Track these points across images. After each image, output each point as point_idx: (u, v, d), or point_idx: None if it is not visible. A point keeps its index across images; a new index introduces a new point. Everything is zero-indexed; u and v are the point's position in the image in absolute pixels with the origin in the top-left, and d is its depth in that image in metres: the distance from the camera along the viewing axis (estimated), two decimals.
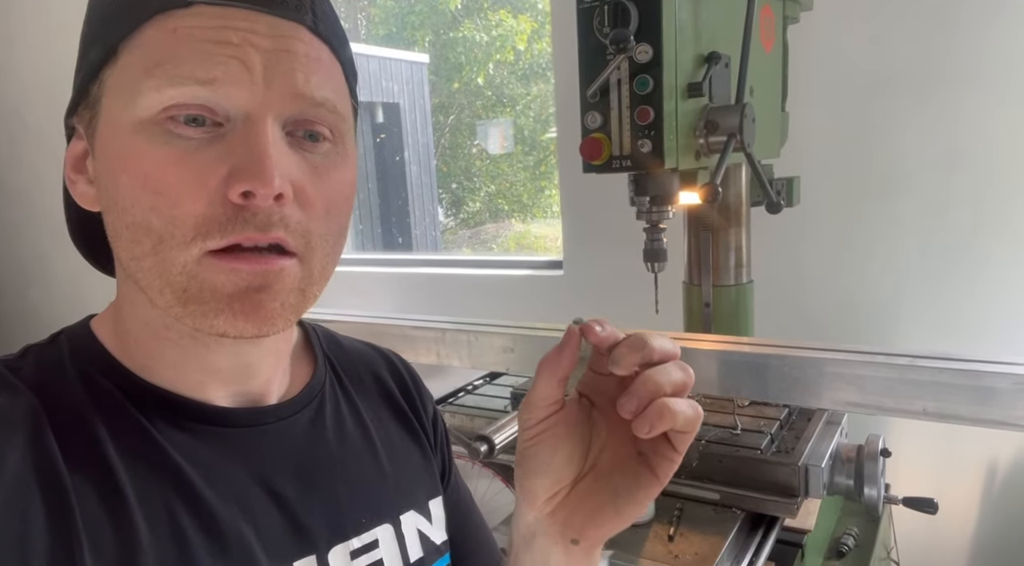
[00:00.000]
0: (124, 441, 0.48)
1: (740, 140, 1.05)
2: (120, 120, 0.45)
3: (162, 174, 0.44)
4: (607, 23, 0.97)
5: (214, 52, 0.44)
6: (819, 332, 1.72)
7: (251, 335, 0.47)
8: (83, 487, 0.45)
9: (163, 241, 0.45)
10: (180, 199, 0.44)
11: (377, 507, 0.60)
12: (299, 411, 0.58)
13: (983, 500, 1.68)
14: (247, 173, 0.44)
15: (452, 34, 5.32)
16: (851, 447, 1.08)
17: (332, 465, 0.58)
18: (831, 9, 1.54)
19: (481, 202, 6.02)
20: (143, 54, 0.45)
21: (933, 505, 1.09)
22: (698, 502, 1.05)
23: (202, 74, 0.44)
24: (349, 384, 0.65)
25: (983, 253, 1.61)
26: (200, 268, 0.45)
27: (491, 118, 5.81)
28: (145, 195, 0.45)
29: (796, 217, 1.53)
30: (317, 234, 0.48)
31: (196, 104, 0.44)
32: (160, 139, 0.44)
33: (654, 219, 1.10)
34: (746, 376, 1.08)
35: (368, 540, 0.58)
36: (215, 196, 0.44)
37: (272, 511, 0.53)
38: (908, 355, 1.00)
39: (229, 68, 0.44)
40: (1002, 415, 0.91)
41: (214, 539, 0.49)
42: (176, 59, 0.44)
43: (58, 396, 0.48)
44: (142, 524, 0.46)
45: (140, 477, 0.47)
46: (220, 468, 0.51)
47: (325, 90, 0.48)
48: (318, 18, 0.48)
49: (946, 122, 1.61)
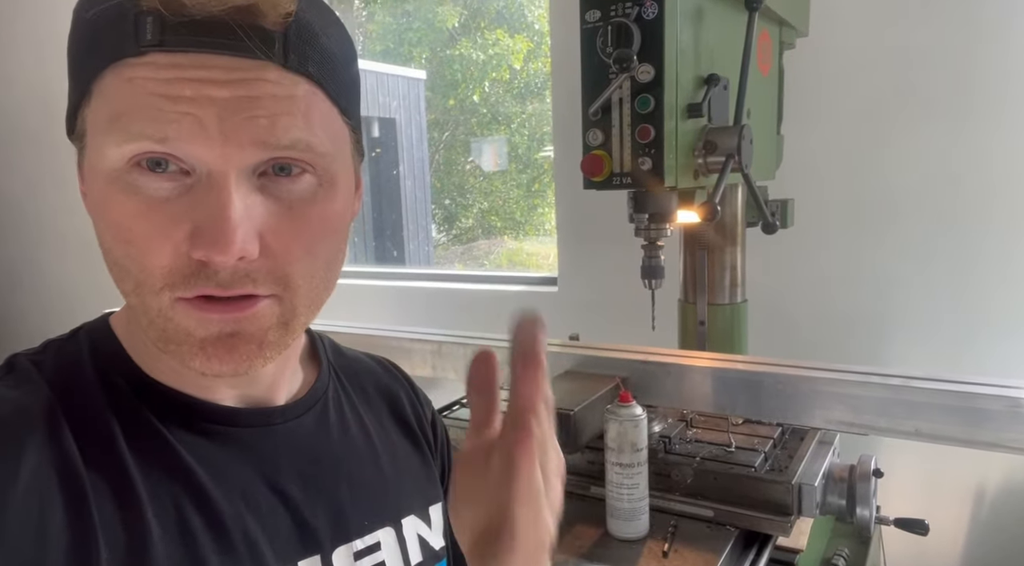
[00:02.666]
0: (137, 439, 0.49)
1: (738, 161, 1.07)
2: (96, 167, 0.45)
3: (131, 225, 0.44)
4: (610, 43, 0.99)
5: (166, 109, 0.42)
6: (813, 352, 1.73)
7: (229, 375, 0.47)
8: (98, 483, 0.45)
9: (140, 285, 0.45)
10: (148, 250, 0.44)
11: (379, 510, 0.60)
12: (305, 412, 0.59)
13: (972, 523, 1.69)
14: (207, 238, 0.43)
15: (449, 51, 5.37)
16: (843, 467, 1.09)
17: (336, 467, 0.59)
18: (826, 36, 1.57)
19: (474, 219, 6.03)
20: (105, 102, 0.44)
21: (924, 526, 1.09)
22: (692, 519, 1.05)
23: (154, 132, 0.42)
24: (352, 390, 0.66)
25: (977, 275, 1.64)
26: (174, 313, 0.45)
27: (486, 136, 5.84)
28: (119, 243, 0.45)
29: (791, 238, 1.55)
30: (298, 274, 0.47)
31: (154, 152, 0.43)
32: (129, 189, 0.44)
33: (652, 236, 1.11)
34: (740, 394, 1.09)
35: (371, 542, 0.58)
36: (179, 250, 0.44)
37: (278, 510, 0.53)
38: (902, 376, 1.01)
39: (182, 126, 0.42)
40: (994, 437, 0.92)
41: (221, 537, 0.49)
42: (130, 113, 0.42)
43: (76, 392, 0.49)
44: (153, 521, 0.46)
45: (151, 475, 0.48)
46: (228, 467, 0.52)
47: (295, 131, 0.44)
48: (291, 50, 0.44)
49: (938, 145, 1.64)
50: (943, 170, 1.64)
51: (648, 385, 1.16)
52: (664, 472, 1.09)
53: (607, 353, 1.22)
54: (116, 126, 0.43)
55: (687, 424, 1.25)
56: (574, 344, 1.30)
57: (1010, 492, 1.65)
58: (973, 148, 1.61)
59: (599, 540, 1.02)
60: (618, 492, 1.00)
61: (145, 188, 0.43)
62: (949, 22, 1.60)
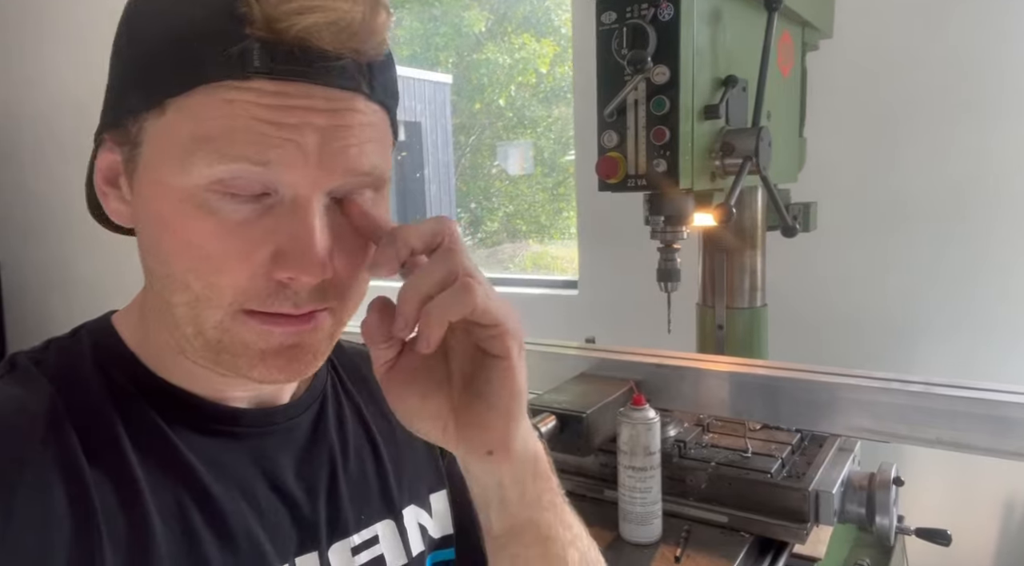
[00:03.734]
0: (140, 437, 0.49)
1: (756, 163, 1.06)
2: (167, 182, 0.45)
3: (206, 244, 0.44)
4: (625, 44, 0.99)
5: (270, 134, 0.42)
6: (835, 357, 1.69)
7: (284, 382, 0.50)
8: (101, 481, 0.46)
9: (199, 300, 0.45)
10: (222, 269, 0.44)
11: (378, 503, 0.61)
12: (304, 411, 0.59)
13: (1001, 535, 1.64)
14: (293, 260, 0.44)
15: (476, 56, 5.39)
16: (863, 475, 1.07)
17: (334, 463, 0.59)
18: (851, 37, 1.55)
19: (499, 222, 6.04)
20: (193, 120, 0.43)
21: (946, 537, 1.07)
22: (706, 524, 1.04)
23: (256, 156, 0.43)
24: (351, 384, 0.66)
25: (1001, 281, 1.60)
26: (234, 324, 0.46)
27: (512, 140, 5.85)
28: (187, 259, 0.45)
29: (814, 241, 1.53)
30: (355, 288, 0.49)
31: (247, 179, 0.43)
32: (206, 209, 0.44)
33: (668, 239, 1.11)
34: (756, 398, 1.07)
35: (368, 536, 0.59)
36: (258, 271, 0.44)
37: (278, 509, 0.54)
38: (923, 382, 0.99)
39: (285, 151, 0.43)
40: (1017, 446, 0.90)
41: (223, 535, 0.50)
42: (230, 136, 0.42)
43: (78, 391, 0.49)
44: (155, 519, 0.47)
45: (154, 473, 0.49)
46: (230, 466, 0.53)
47: (375, 158, 0.46)
48: (375, 81, 0.46)
49: (966, 149, 1.60)
50: (969, 173, 1.60)
51: (663, 389, 1.15)
52: (678, 477, 1.08)
53: (622, 356, 1.21)
54: (209, 146, 0.43)
55: (703, 429, 1.23)
56: (589, 347, 1.30)
57: None
58: (1000, 151, 1.57)
59: (612, 544, 1.01)
60: (631, 496, 1.00)
61: (224, 209, 0.44)
62: (975, 25, 1.56)
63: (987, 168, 1.59)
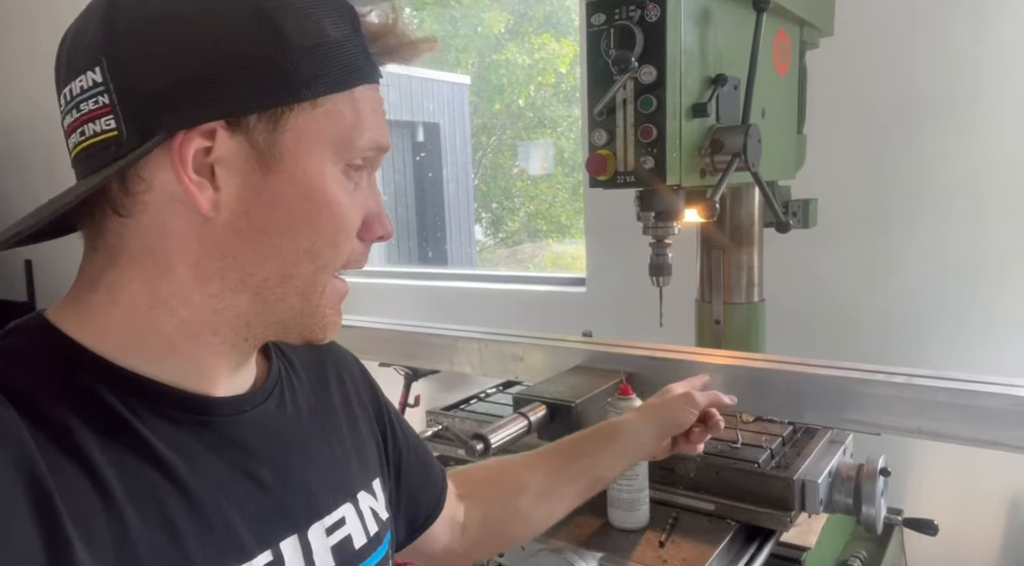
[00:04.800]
0: (104, 433, 0.48)
1: (744, 160, 1.08)
2: (323, 164, 0.53)
3: (347, 216, 0.55)
4: (613, 45, 1.02)
5: (382, 123, 0.57)
6: (833, 353, 1.69)
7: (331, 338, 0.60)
8: (66, 484, 0.44)
9: (325, 267, 0.56)
10: (349, 236, 0.56)
11: (340, 487, 0.64)
12: (267, 397, 0.61)
13: (1004, 529, 1.64)
14: (381, 224, 0.59)
15: (495, 57, 5.43)
16: (852, 466, 1.08)
17: (301, 448, 0.62)
18: (852, 35, 1.55)
19: (520, 222, 6.07)
20: (352, 114, 0.54)
21: (933, 527, 1.08)
22: (694, 512, 1.06)
23: (384, 141, 0.57)
24: (300, 373, 0.69)
25: (999, 277, 1.59)
26: (329, 287, 0.57)
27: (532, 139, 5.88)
28: (334, 230, 0.55)
29: (814, 238, 1.54)
30: None
31: (382, 150, 0.57)
32: (345, 186, 0.55)
33: (659, 234, 1.13)
34: (746, 390, 1.09)
35: (337, 518, 0.62)
36: (353, 235, 0.57)
37: (255, 494, 0.55)
38: (905, 373, 1.00)
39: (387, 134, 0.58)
40: (995, 436, 0.91)
41: (202, 525, 0.50)
42: (373, 126, 0.55)
43: (26, 391, 0.47)
44: (132, 515, 0.47)
45: (124, 468, 0.48)
46: (203, 455, 0.53)
47: None
48: None
49: (966, 146, 1.60)
50: (966, 171, 1.61)
51: (655, 381, 1.18)
52: (668, 466, 1.11)
53: (616, 349, 1.24)
54: (363, 136, 0.55)
55: None
56: (584, 340, 1.33)
57: None
58: (1005, 147, 1.57)
59: (599, 529, 1.04)
60: (618, 483, 1.02)
61: (347, 185, 0.56)
62: (976, 24, 1.56)
63: (984, 166, 1.59)
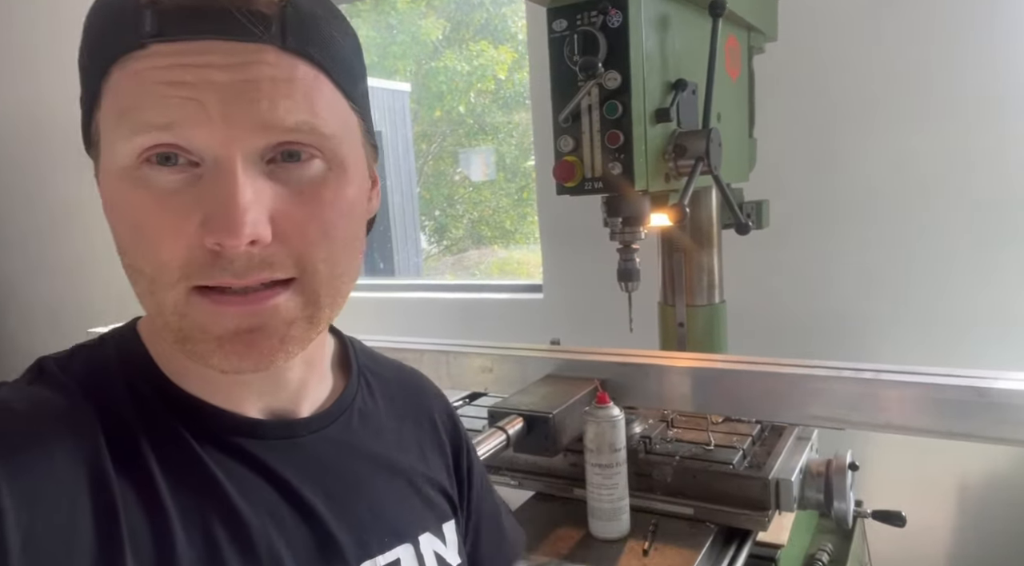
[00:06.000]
0: (164, 449, 0.48)
1: (707, 163, 1.09)
2: (109, 166, 0.46)
3: (144, 219, 0.44)
4: (577, 51, 1.01)
5: (169, 94, 0.42)
6: (794, 351, 1.73)
7: (250, 371, 0.47)
8: (127, 492, 0.45)
9: (154, 282, 0.45)
10: (161, 245, 0.44)
11: (398, 526, 0.59)
12: (330, 424, 0.58)
13: (958, 516, 1.70)
14: (216, 224, 0.43)
15: (434, 64, 5.40)
16: (820, 462, 1.10)
17: (359, 481, 0.58)
18: (795, 39, 1.60)
19: (464, 229, 6.04)
20: (114, 100, 0.44)
21: (901, 518, 1.11)
22: (673, 517, 1.06)
23: (159, 119, 0.43)
24: (380, 399, 0.65)
25: (952, 270, 1.66)
26: (189, 308, 0.45)
27: (473, 146, 5.86)
28: (132, 240, 0.45)
29: (769, 239, 1.58)
30: (317, 258, 0.47)
31: (165, 143, 0.43)
32: (139, 185, 0.44)
33: (626, 239, 1.13)
34: (716, 392, 1.10)
35: (391, 558, 0.57)
36: (193, 241, 0.44)
37: (303, 525, 0.53)
38: (872, 369, 1.03)
39: (186, 111, 0.42)
40: (963, 427, 0.94)
41: (246, 551, 0.49)
42: (138, 105, 0.43)
43: (104, 399, 0.48)
44: (179, 532, 0.46)
45: (179, 487, 0.48)
46: (253, 480, 0.52)
47: (298, 113, 0.45)
48: (288, 31, 0.44)
49: (911, 145, 1.67)
50: (915, 169, 1.67)
51: (627, 387, 1.18)
52: (645, 472, 1.11)
53: (587, 356, 1.23)
54: (124, 120, 0.43)
55: (668, 424, 1.26)
56: (554, 348, 1.32)
57: (993, 486, 1.67)
58: (943, 147, 1.64)
59: (581, 541, 1.03)
60: (598, 493, 1.02)
61: (155, 182, 0.44)
62: (917, 23, 1.63)
63: (934, 163, 1.65)
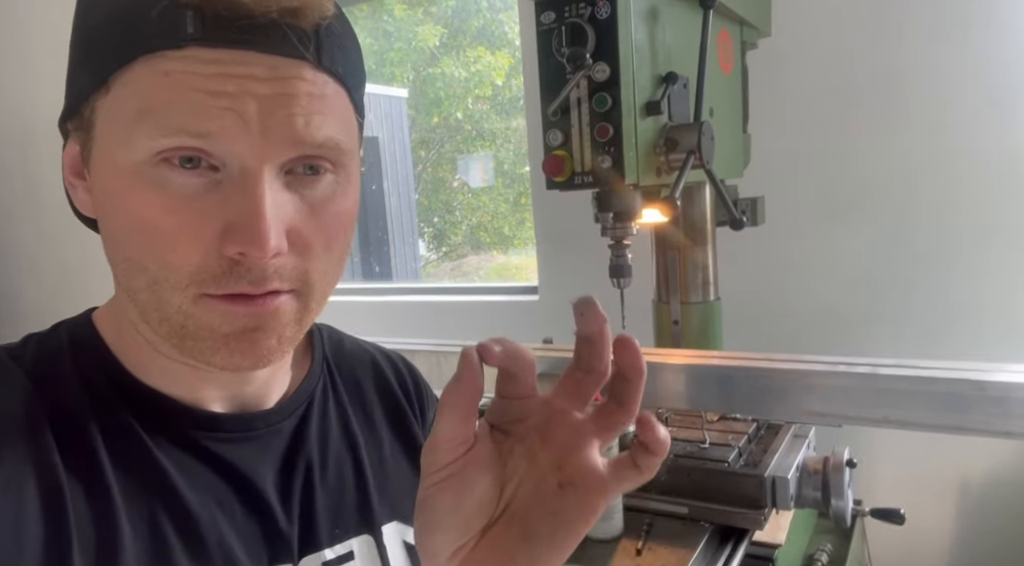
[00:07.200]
0: (114, 440, 0.48)
1: (699, 157, 1.08)
2: (116, 159, 0.44)
3: (158, 220, 0.43)
4: (565, 43, 1.00)
5: (208, 104, 0.41)
6: (790, 348, 1.73)
7: (248, 369, 0.47)
8: (75, 483, 0.45)
9: (158, 282, 0.44)
10: (175, 247, 0.43)
11: (355, 517, 0.58)
12: (287, 417, 0.57)
13: (957, 514, 1.68)
14: (242, 234, 0.42)
15: (431, 70, 5.41)
16: (817, 459, 1.09)
17: (310, 473, 0.57)
18: (789, 35, 1.59)
19: (463, 235, 6.04)
20: (134, 94, 0.42)
21: (900, 516, 1.09)
22: (667, 517, 1.04)
23: (195, 127, 0.41)
24: (343, 388, 0.64)
25: (946, 267, 1.65)
26: (196, 308, 0.45)
27: (472, 152, 5.87)
28: (139, 237, 0.44)
29: (764, 235, 1.56)
30: (316, 271, 0.48)
31: (190, 147, 0.42)
32: (155, 185, 0.43)
33: (618, 235, 1.12)
34: (710, 390, 1.09)
35: (342, 551, 0.57)
36: (210, 248, 0.43)
37: (252, 518, 0.53)
38: (869, 363, 1.01)
39: (224, 121, 0.41)
40: (960, 421, 0.93)
41: (194, 544, 0.49)
42: (168, 108, 0.41)
43: (54, 389, 0.48)
44: (125, 525, 0.46)
45: (127, 477, 0.47)
46: (205, 473, 0.51)
47: (327, 129, 0.45)
48: (323, 49, 0.45)
49: (907, 140, 1.65)
50: (910, 165, 1.66)
51: None
52: None
53: None
54: (149, 119, 0.42)
55: (663, 422, 1.24)
56: (547, 347, 1.30)
57: (992, 484, 1.64)
58: (944, 140, 1.63)
59: None
60: None
61: (173, 184, 0.43)
62: (915, 19, 1.62)
63: (929, 159, 1.64)
